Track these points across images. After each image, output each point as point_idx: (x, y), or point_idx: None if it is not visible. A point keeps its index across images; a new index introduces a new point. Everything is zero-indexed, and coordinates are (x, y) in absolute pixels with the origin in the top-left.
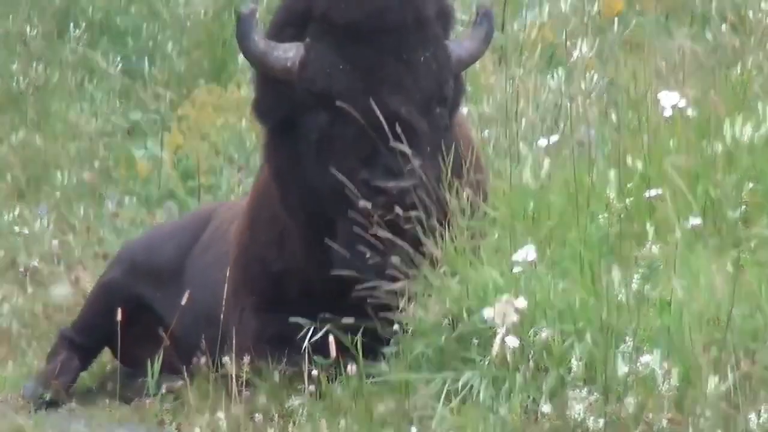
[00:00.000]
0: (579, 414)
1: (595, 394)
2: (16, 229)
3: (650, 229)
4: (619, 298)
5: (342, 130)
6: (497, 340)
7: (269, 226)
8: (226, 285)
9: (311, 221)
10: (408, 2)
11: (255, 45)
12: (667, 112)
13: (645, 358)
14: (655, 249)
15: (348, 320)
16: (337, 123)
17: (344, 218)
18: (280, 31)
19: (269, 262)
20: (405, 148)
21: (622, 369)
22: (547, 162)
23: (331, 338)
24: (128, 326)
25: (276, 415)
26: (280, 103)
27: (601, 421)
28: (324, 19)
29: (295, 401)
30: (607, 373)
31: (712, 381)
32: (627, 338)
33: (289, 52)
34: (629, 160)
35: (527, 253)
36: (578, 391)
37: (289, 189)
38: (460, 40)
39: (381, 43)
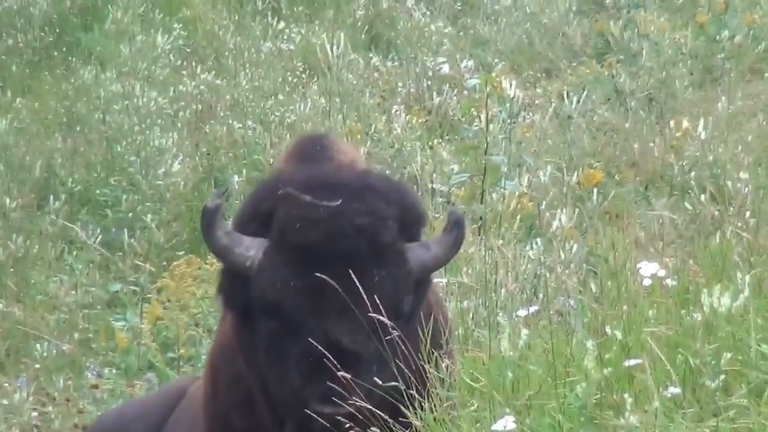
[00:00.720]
0: None
1: None
2: None
3: (629, 399)
4: None
5: (287, 346)
6: None
7: (232, 381)
8: None
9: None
10: (363, 229)
11: (218, 240)
12: (647, 282)
13: None
14: (633, 419)
15: None
16: (284, 337)
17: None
18: (246, 224)
19: (232, 420)
20: (344, 377)
21: None
22: (525, 333)
23: None
24: None
25: None
26: (242, 294)
27: None
28: (281, 235)
29: None
30: None
31: None
32: None
33: (250, 250)
34: (608, 329)
35: (506, 422)
36: None
37: (254, 363)
38: (428, 243)
39: (332, 268)
